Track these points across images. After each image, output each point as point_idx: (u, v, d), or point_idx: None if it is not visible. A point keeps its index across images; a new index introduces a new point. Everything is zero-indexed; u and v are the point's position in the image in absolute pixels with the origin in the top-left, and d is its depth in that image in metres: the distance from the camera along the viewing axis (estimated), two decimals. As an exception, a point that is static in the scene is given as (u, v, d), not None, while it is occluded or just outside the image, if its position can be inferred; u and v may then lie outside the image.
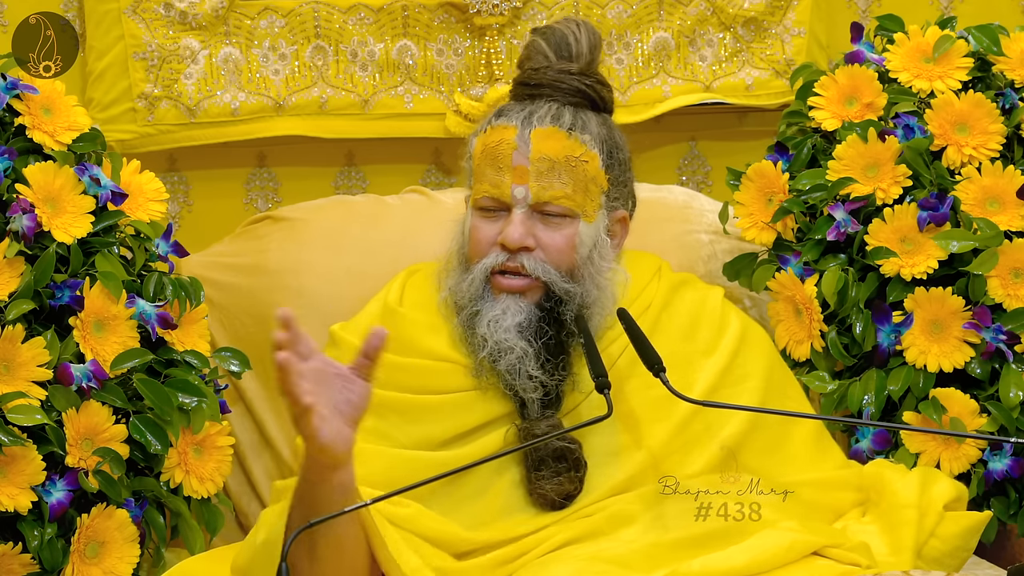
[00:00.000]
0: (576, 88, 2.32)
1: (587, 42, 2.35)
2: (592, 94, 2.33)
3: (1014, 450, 2.49)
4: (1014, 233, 2.52)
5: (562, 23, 2.38)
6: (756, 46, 3.03)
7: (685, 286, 2.43)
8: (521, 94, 2.35)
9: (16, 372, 2.17)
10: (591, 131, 2.29)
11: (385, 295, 2.41)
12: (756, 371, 2.36)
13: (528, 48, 2.38)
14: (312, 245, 2.71)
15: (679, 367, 2.25)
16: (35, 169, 2.26)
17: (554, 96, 2.31)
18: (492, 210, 2.29)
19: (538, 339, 2.24)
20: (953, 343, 2.50)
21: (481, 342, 2.24)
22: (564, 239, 2.27)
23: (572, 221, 2.27)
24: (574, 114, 2.30)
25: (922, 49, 2.63)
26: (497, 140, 2.28)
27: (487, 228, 2.29)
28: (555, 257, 2.26)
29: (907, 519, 2.20)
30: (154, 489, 2.31)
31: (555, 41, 2.35)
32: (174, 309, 2.35)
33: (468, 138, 2.38)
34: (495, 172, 2.27)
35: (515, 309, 2.25)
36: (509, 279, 2.26)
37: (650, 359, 2.14)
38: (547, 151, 2.26)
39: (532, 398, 2.23)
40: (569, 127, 2.28)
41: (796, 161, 2.64)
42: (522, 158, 2.26)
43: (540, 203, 2.26)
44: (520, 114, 2.29)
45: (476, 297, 2.26)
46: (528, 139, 2.27)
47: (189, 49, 2.87)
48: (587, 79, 2.33)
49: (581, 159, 2.27)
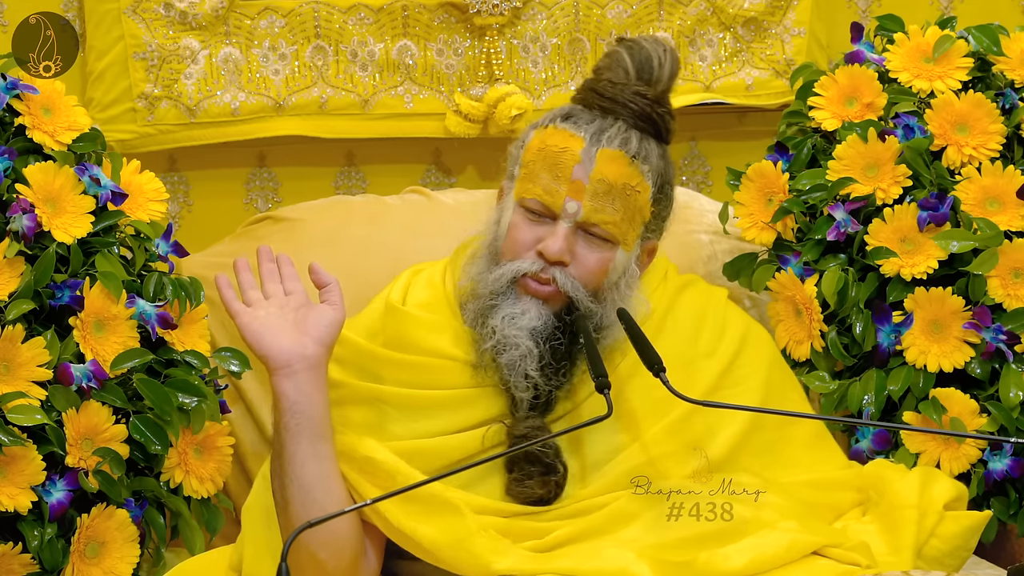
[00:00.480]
0: (648, 114, 2.28)
1: (669, 69, 2.31)
2: (660, 124, 2.29)
3: (1014, 450, 2.49)
4: (1014, 233, 2.52)
5: (650, 42, 2.32)
6: (756, 46, 3.03)
7: (689, 288, 2.43)
8: (590, 102, 2.30)
9: (16, 372, 2.17)
10: (651, 162, 2.26)
11: (388, 293, 2.41)
12: (756, 372, 2.36)
13: (610, 58, 2.33)
14: (312, 245, 2.71)
15: (681, 368, 2.24)
16: (35, 169, 2.25)
17: (623, 115, 2.27)
18: (538, 214, 2.26)
19: (546, 343, 2.23)
20: (953, 343, 2.50)
21: (490, 333, 2.24)
22: (599, 262, 2.25)
23: (612, 247, 2.26)
24: (640, 141, 2.26)
25: (922, 49, 2.63)
26: (561, 146, 2.25)
27: (528, 231, 2.26)
28: (586, 277, 2.25)
29: (907, 519, 2.20)
30: (154, 489, 2.31)
31: (639, 59, 2.30)
32: (174, 309, 2.35)
33: (525, 130, 2.34)
34: (551, 179, 2.24)
35: (535, 313, 2.24)
36: (537, 285, 2.25)
37: (650, 359, 2.14)
38: (608, 174, 2.23)
39: (522, 398, 2.23)
40: (634, 155, 2.25)
41: (796, 161, 2.64)
42: (583, 173, 2.23)
43: (588, 223, 2.24)
44: (590, 127, 2.25)
45: (498, 292, 2.25)
46: (594, 157, 2.23)
47: (189, 49, 2.87)
48: (659, 107, 2.29)
49: (636, 188, 2.25)
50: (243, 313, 2.21)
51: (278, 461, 2.17)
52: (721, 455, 2.27)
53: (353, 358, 2.32)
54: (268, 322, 2.19)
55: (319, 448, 2.15)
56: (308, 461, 2.14)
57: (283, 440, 2.16)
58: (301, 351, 2.18)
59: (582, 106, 2.31)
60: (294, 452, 2.15)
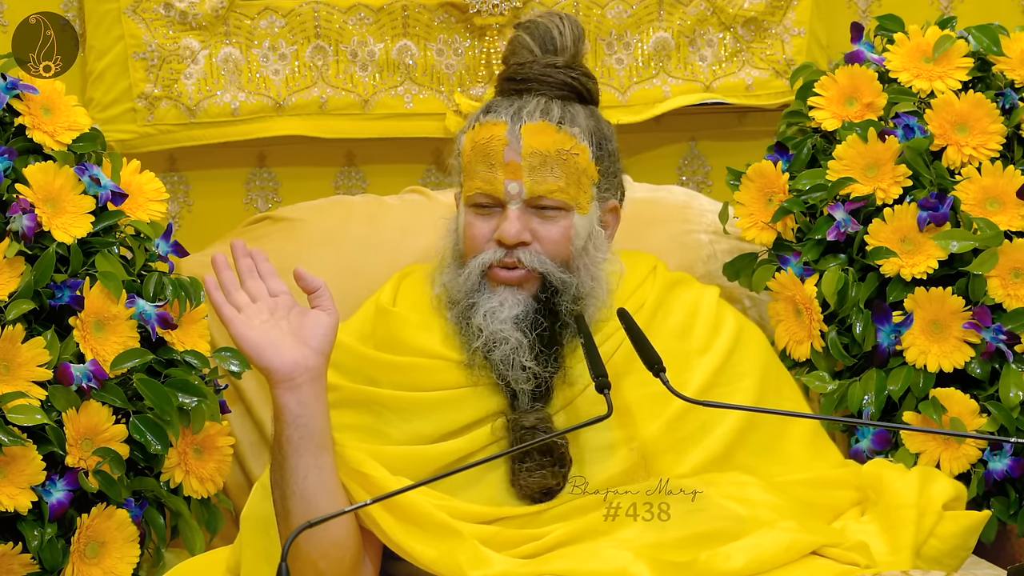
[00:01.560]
0: (563, 81, 2.32)
1: (571, 35, 2.35)
2: (579, 87, 2.33)
3: (1014, 450, 2.49)
4: (1014, 233, 2.52)
5: (545, 17, 2.37)
6: (756, 46, 3.03)
7: (680, 285, 2.43)
8: (508, 89, 2.34)
9: (16, 372, 2.17)
10: (580, 124, 2.29)
11: (378, 296, 2.41)
12: (751, 370, 2.37)
13: (512, 43, 2.38)
14: (312, 245, 2.71)
15: (674, 366, 2.24)
16: (35, 169, 2.26)
17: (541, 90, 2.31)
18: (486, 206, 2.28)
19: (533, 330, 2.25)
20: (953, 343, 2.50)
21: (476, 332, 2.25)
22: (560, 231, 2.27)
23: (567, 214, 2.28)
24: (562, 107, 2.30)
25: (922, 49, 2.63)
26: (487, 137, 2.28)
27: (482, 225, 2.29)
28: (551, 249, 2.27)
29: (906, 518, 2.20)
30: (154, 489, 2.31)
31: (539, 35, 2.35)
32: (174, 309, 2.35)
33: (456, 136, 2.38)
34: (487, 169, 2.27)
35: (512, 301, 2.26)
36: (507, 272, 2.27)
37: (650, 359, 2.14)
38: (538, 146, 2.26)
39: (523, 389, 2.23)
40: (558, 121, 2.28)
41: (796, 161, 2.64)
42: (513, 154, 2.26)
43: (535, 197, 2.26)
44: (509, 110, 2.29)
45: (472, 291, 2.27)
46: (519, 135, 2.26)
47: (189, 49, 2.87)
48: (573, 72, 2.33)
49: (572, 152, 2.27)
50: (236, 321, 2.12)
51: (279, 473, 2.14)
52: (718, 452, 2.27)
53: (347, 361, 2.32)
54: (265, 332, 2.12)
55: (321, 460, 2.14)
56: (311, 473, 2.12)
57: (285, 453, 2.13)
58: (304, 363, 2.12)
59: (501, 97, 2.34)
60: (296, 465, 2.12)
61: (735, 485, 2.21)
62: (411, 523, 2.14)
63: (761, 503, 2.18)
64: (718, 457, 2.27)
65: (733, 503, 2.17)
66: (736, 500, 2.17)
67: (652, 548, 2.11)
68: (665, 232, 2.75)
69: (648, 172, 3.02)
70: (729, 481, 2.23)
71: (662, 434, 2.26)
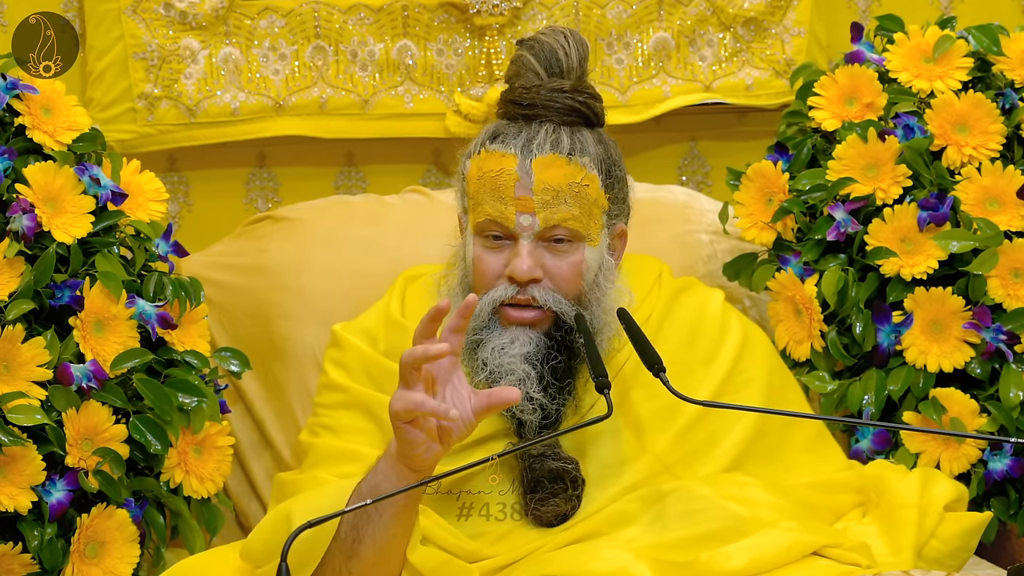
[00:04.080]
0: (570, 107, 2.26)
1: (576, 55, 2.29)
2: (586, 111, 2.28)
3: (1014, 450, 2.49)
4: (1014, 233, 2.52)
5: (549, 35, 2.31)
6: (756, 46, 3.03)
7: (685, 292, 2.42)
8: (513, 113, 2.28)
9: (16, 372, 2.17)
10: (589, 152, 2.24)
11: (387, 304, 2.39)
12: (758, 376, 2.36)
13: (517, 64, 2.31)
14: (312, 245, 2.71)
15: (681, 375, 2.23)
16: (35, 169, 2.26)
17: (548, 116, 2.25)
18: (496, 238, 2.24)
19: (545, 364, 2.21)
20: (953, 343, 2.50)
21: (480, 366, 2.21)
22: (571, 267, 2.23)
23: (578, 247, 2.24)
24: (571, 136, 2.25)
25: (922, 49, 2.63)
26: (496, 169, 2.23)
27: (492, 260, 2.24)
28: (563, 286, 2.23)
29: (907, 519, 2.20)
30: (154, 489, 2.31)
31: (544, 57, 2.28)
32: (174, 309, 2.35)
33: (460, 159, 2.32)
34: (497, 201, 2.22)
35: (524, 340, 2.21)
36: (520, 312, 2.22)
37: (650, 359, 2.13)
38: (549, 180, 2.21)
39: (531, 420, 2.21)
40: (568, 152, 2.23)
41: (796, 161, 2.64)
42: (525, 189, 2.21)
43: (547, 228, 2.21)
44: (517, 140, 2.24)
45: (481, 327, 2.22)
46: (530, 169, 2.21)
47: (189, 49, 2.87)
48: (580, 96, 2.27)
49: (583, 183, 2.23)
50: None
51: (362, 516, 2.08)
52: (726, 463, 2.27)
53: (355, 363, 2.32)
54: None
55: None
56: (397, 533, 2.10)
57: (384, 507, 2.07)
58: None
59: (506, 120, 2.29)
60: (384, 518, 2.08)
61: (736, 486, 2.21)
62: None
63: (762, 503, 2.18)
64: (727, 468, 2.26)
65: (734, 503, 2.17)
66: (737, 500, 2.17)
67: (653, 548, 2.11)
68: (665, 232, 2.75)
69: (648, 172, 3.02)
70: (730, 482, 2.22)
71: (673, 446, 2.25)
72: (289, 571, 1.84)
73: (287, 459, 2.63)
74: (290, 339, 2.66)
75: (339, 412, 2.30)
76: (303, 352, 2.65)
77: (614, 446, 2.24)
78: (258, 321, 2.68)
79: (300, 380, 2.65)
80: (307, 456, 2.33)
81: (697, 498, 2.17)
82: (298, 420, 2.63)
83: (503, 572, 2.16)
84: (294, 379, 2.66)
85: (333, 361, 2.37)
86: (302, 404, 2.63)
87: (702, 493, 2.18)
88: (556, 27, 2.34)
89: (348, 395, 2.29)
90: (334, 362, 2.37)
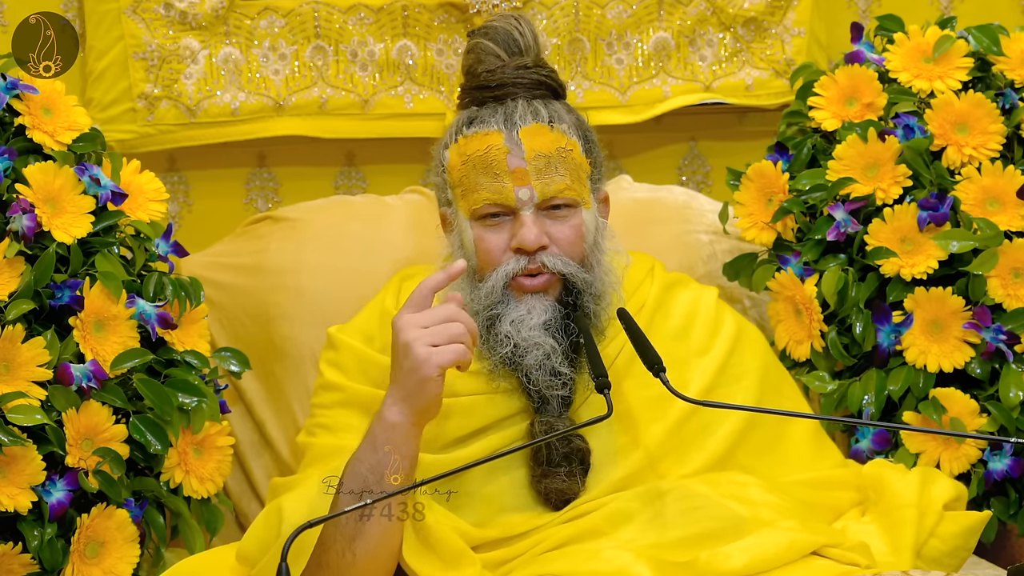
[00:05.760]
0: (537, 81, 2.30)
1: (530, 33, 2.34)
2: (552, 83, 2.32)
3: (1014, 450, 2.49)
4: (1014, 233, 2.52)
5: (500, 20, 2.35)
6: (756, 46, 3.03)
7: (678, 286, 2.43)
8: (482, 98, 2.31)
9: (16, 372, 2.17)
10: (566, 120, 2.29)
11: (382, 301, 2.40)
12: (751, 370, 2.37)
13: (475, 51, 2.34)
14: (312, 245, 2.71)
15: (674, 367, 2.24)
16: (35, 169, 2.26)
17: (519, 93, 2.29)
18: (495, 216, 2.25)
19: (566, 336, 2.23)
20: (953, 343, 2.50)
21: (504, 340, 2.22)
22: (573, 230, 2.26)
23: (575, 211, 2.27)
24: (546, 106, 2.29)
25: (922, 49, 2.63)
26: (483, 148, 2.25)
27: (494, 237, 2.26)
28: (569, 249, 2.25)
29: (907, 519, 2.20)
30: (154, 489, 2.31)
31: (502, 39, 2.33)
32: (174, 309, 2.35)
33: (435, 152, 2.33)
34: (492, 179, 2.24)
35: (540, 308, 2.24)
36: (532, 280, 2.24)
37: (650, 359, 2.13)
38: (540, 147, 2.25)
39: (556, 395, 2.22)
40: (548, 120, 2.27)
41: (796, 161, 2.64)
42: (517, 160, 2.24)
43: (547, 199, 2.24)
44: (497, 117, 2.27)
45: (495, 303, 2.24)
46: (518, 140, 2.24)
47: (189, 49, 2.87)
48: (543, 70, 2.32)
49: (567, 148, 2.26)
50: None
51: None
52: (719, 454, 2.27)
53: (351, 362, 2.32)
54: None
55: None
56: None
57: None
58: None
59: (475, 106, 2.31)
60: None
61: (736, 485, 2.21)
62: (424, 545, 2.13)
63: (762, 503, 2.18)
64: (720, 458, 2.27)
65: (734, 503, 2.17)
66: (737, 500, 2.17)
67: (653, 548, 2.11)
68: (665, 232, 2.75)
69: (648, 172, 3.02)
70: (730, 481, 2.23)
71: (665, 437, 2.26)
72: (288, 570, 1.84)
73: (287, 459, 2.63)
74: (290, 339, 2.66)
75: (336, 411, 2.30)
76: (303, 352, 2.65)
77: (607, 436, 2.24)
78: (258, 321, 2.68)
79: (300, 380, 2.65)
80: (304, 456, 2.33)
81: (696, 497, 2.17)
82: (298, 420, 2.63)
83: (502, 571, 2.16)
84: (294, 379, 2.66)
85: (329, 362, 2.37)
86: (302, 404, 2.63)
87: (701, 492, 2.18)
88: (504, 13, 2.38)
89: (345, 394, 2.29)
90: (330, 363, 2.37)
